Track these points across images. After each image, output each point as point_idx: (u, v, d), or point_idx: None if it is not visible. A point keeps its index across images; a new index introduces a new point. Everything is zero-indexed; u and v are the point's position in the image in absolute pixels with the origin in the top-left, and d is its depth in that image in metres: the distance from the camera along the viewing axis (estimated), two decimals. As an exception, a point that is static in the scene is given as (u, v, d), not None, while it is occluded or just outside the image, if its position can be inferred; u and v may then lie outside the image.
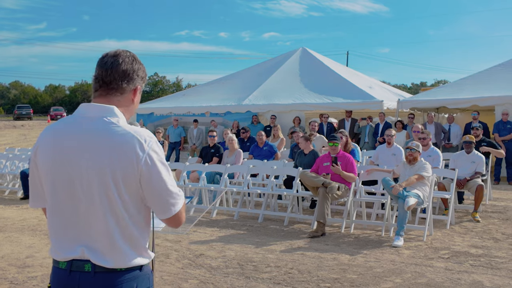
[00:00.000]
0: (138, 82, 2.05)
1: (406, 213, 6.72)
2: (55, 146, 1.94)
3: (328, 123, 14.54)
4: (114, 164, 1.85)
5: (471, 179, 8.20)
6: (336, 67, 18.64)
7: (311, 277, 5.27)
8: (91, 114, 1.94)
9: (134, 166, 1.85)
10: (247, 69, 20.23)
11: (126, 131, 1.89)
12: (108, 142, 1.87)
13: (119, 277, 1.90)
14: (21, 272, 5.50)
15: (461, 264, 5.71)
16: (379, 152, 9.26)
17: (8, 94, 68.71)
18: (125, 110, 2.02)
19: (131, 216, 1.91)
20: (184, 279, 5.26)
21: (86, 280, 1.89)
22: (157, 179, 1.88)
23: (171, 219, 1.97)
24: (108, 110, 1.94)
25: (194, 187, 9.11)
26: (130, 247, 1.91)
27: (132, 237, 1.92)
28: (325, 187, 7.28)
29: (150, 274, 2.02)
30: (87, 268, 1.89)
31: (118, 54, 2.01)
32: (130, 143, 1.86)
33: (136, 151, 1.86)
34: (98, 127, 1.90)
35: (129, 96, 2.03)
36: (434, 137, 12.73)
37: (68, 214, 1.93)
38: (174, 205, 1.94)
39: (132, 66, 2.01)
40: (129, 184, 1.87)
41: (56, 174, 1.92)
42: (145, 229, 1.99)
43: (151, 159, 1.87)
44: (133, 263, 1.92)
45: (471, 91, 13.76)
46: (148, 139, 1.90)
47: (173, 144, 16.24)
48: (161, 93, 60.82)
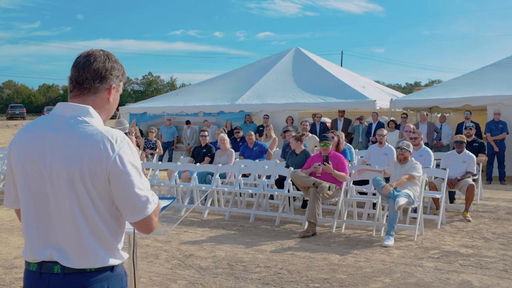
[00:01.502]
0: (112, 81, 2.02)
1: (397, 213, 6.72)
2: (28, 145, 1.93)
3: (321, 122, 14.54)
4: (83, 164, 1.83)
5: (462, 179, 8.21)
6: (330, 67, 18.66)
7: (301, 277, 5.26)
8: (66, 113, 1.93)
9: (103, 166, 1.83)
10: (240, 68, 20.21)
11: (98, 130, 1.87)
12: (78, 141, 1.85)
13: (89, 278, 1.88)
14: (8, 273, 5.46)
15: (451, 264, 5.71)
16: (371, 151, 9.26)
17: (1, 94, 68.41)
18: (102, 110, 2.00)
19: (102, 216, 1.88)
20: (172, 279, 5.23)
21: (56, 282, 1.88)
22: (125, 180, 1.85)
23: (139, 223, 1.92)
24: (82, 109, 1.93)
25: (185, 187, 9.08)
26: (100, 247, 1.89)
27: (103, 237, 1.89)
28: (316, 187, 7.27)
29: (123, 275, 1.99)
30: (56, 269, 1.88)
31: (90, 54, 2.00)
32: (100, 143, 1.84)
33: (106, 151, 1.83)
34: (70, 126, 1.89)
35: (103, 96, 2.00)
36: (426, 137, 12.75)
37: (39, 215, 1.91)
38: (143, 210, 1.89)
39: (105, 65, 1.99)
40: (99, 184, 1.85)
41: (29, 174, 1.91)
42: (118, 229, 1.96)
43: (120, 159, 1.84)
44: (104, 263, 1.90)
45: (463, 91, 13.80)
46: (119, 139, 1.87)
47: (166, 144, 16.19)
48: (155, 93, 60.71)
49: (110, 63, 2.01)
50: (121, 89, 2.11)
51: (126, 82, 25.72)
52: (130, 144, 1.91)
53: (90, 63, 1.97)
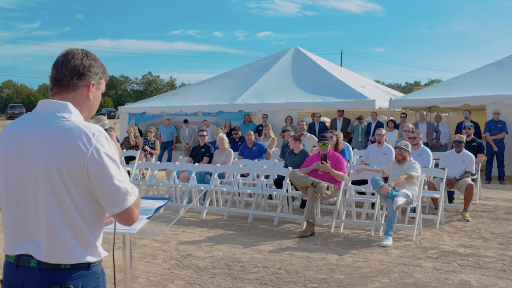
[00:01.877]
0: (91, 77, 2.03)
1: (395, 213, 6.71)
2: (9, 144, 1.95)
3: (320, 122, 14.52)
4: (60, 158, 1.85)
5: (461, 179, 8.20)
6: (329, 66, 18.64)
7: (298, 278, 5.25)
8: (45, 110, 1.96)
9: (80, 160, 1.84)
10: (239, 68, 20.19)
11: (75, 125, 1.89)
12: (55, 136, 1.87)
13: (64, 275, 1.89)
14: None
15: (449, 264, 5.70)
16: (370, 151, 9.25)
17: (1, 94, 68.42)
18: (82, 107, 2.02)
19: (81, 212, 1.89)
20: (170, 280, 5.22)
21: (30, 276, 1.90)
22: (103, 173, 1.86)
23: (120, 215, 1.93)
24: (61, 105, 1.95)
25: (184, 187, 9.07)
26: (78, 243, 1.90)
27: (80, 234, 1.90)
28: (314, 187, 7.26)
29: (100, 274, 1.99)
30: (32, 264, 1.90)
31: (69, 52, 2.03)
32: (77, 137, 1.86)
33: (83, 145, 1.85)
34: (48, 122, 1.91)
35: (83, 93, 2.02)
36: (425, 137, 12.75)
37: (18, 210, 1.93)
38: (122, 201, 1.90)
39: (82, 62, 2.01)
40: (76, 178, 1.86)
41: (9, 170, 1.93)
42: (96, 226, 1.96)
43: (98, 152, 1.85)
44: (80, 260, 1.90)
45: (462, 91, 13.79)
46: (97, 133, 1.89)
47: (165, 143, 16.18)
48: (155, 93, 60.73)
49: (88, 61, 2.03)
50: (102, 87, 2.12)
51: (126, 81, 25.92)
52: (108, 138, 1.91)
53: (68, 61, 1.99)
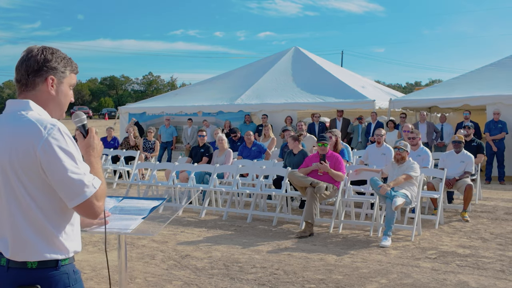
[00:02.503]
0: (49, 72, 2.00)
1: (394, 213, 6.69)
2: None
3: (320, 122, 14.51)
4: (12, 155, 1.85)
5: (460, 179, 8.19)
6: (329, 66, 18.62)
7: (297, 278, 5.23)
8: (8, 110, 1.97)
9: (31, 155, 1.84)
10: (239, 68, 20.18)
11: (29, 120, 1.89)
12: (10, 133, 1.88)
13: (32, 274, 1.88)
14: None
15: (448, 264, 5.69)
16: (369, 151, 9.24)
17: (1, 94, 68.54)
18: (47, 104, 2.00)
19: (41, 206, 1.87)
20: (168, 280, 5.21)
21: (1, 274, 1.90)
22: (56, 166, 1.84)
23: (79, 208, 1.89)
24: (22, 104, 1.95)
25: (183, 187, 9.06)
26: (40, 238, 1.88)
27: (43, 228, 1.88)
28: (313, 187, 7.25)
29: (70, 273, 1.96)
30: (3, 262, 1.90)
31: (26, 51, 2.02)
32: (27, 132, 1.86)
33: (34, 139, 1.84)
34: (7, 121, 1.92)
35: (43, 89, 2.00)
36: (425, 137, 12.73)
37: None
38: (78, 194, 1.86)
39: (37, 59, 1.98)
40: (31, 173, 1.85)
41: None
42: (62, 222, 1.93)
43: (48, 145, 1.83)
44: (45, 257, 1.88)
45: (462, 91, 13.77)
46: (49, 126, 1.86)
47: (165, 143, 16.17)
48: (155, 93, 60.72)
49: (43, 56, 1.99)
50: (69, 80, 2.07)
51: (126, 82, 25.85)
52: (62, 130, 1.88)
53: (24, 60, 1.99)
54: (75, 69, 2.10)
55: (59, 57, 2.03)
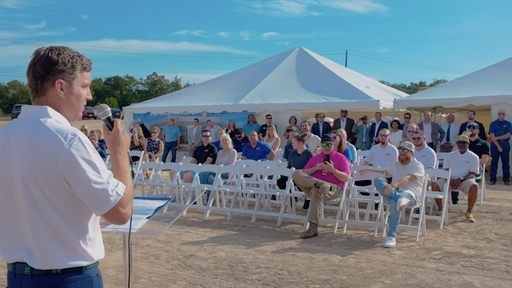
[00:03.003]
0: (56, 76, 1.94)
1: (398, 214, 6.68)
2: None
3: (324, 122, 14.51)
4: (33, 165, 1.83)
5: (465, 179, 8.17)
6: (333, 66, 18.62)
7: (301, 278, 5.24)
8: (26, 116, 1.95)
9: (53, 166, 1.82)
10: (243, 68, 20.19)
11: (49, 130, 1.86)
12: (30, 143, 1.86)
13: (56, 280, 1.88)
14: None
15: (453, 265, 5.67)
16: (373, 152, 9.23)
17: (6, 94, 68.71)
18: (60, 107, 1.97)
19: (64, 215, 1.87)
20: (172, 280, 5.22)
21: (26, 283, 1.90)
22: (79, 177, 1.83)
23: (107, 216, 1.89)
24: (40, 110, 1.93)
25: (187, 187, 9.07)
26: (64, 248, 1.88)
27: (66, 238, 1.88)
28: (317, 187, 7.24)
29: (94, 278, 1.97)
30: (27, 270, 1.89)
31: (33, 54, 1.97)
32: (48, 143, 1.83)
33: (55, 150, 1.82)
34: (26, 129, 1.90)
35: (53, 93, 1.96)
36: (430, 137, 12.70)
37: (7, 216, 1.93)
38: (104, 203, 1.85)
39: (42, 62, 1.93)
40: (54, 184, 1.83)
41: None
42: (86, 229, 1.93)
43: (70, 157, 1.81)
44: (69, 264, 1.89)
45: (467, 91, 13.74)
46: (70, 136, 1.84)
47: (169, 144, 16.19)
48: (160, 93, 60.81)
49: (49, 59, 1.94)
50: (81, 80, 2.00)
51: (131, 82, 25.90)
52: (83, 139, 1.86)
53: (31, 65, 1.96)
54: (87, 67, 2.03)
55: (66, 57, 1.95)
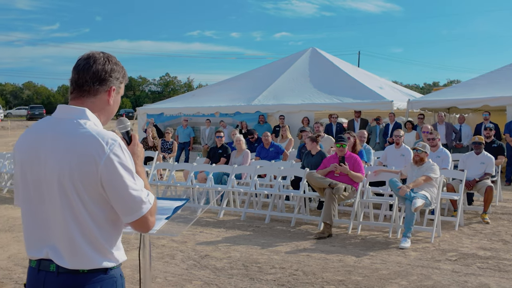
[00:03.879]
0: (112, 83, 2.03)
1: (413, 215, 6.65)
2: (27, 145, 1.98)
3: (338, 123, 14.47)
4: (73, 167, 1.85)
5: (480, 180, 8.10)
6: (346, 67, 18.55)
7: (316, 279, 5.24)
8: (63, 116, 1.97)
9: (93, 170, 1.84)
10: (256, 69, 20.21)
11: (89, 133, 1.88)
12: (70, 143, 1.88)
13: (82, 279, 1.91)
14: (24, 272, 5.51)
15: (469, 267, 5.64)
16: (388, 152, 9.19)
17: (21, 95, 69.38)
18: (102, 112, 2.03)
19: (95, 218, 1.90)
20: (188, 280, 5.25)
21: (50, 280, 1.92)
22: (117, 183, 1.86)
23: (135, 223, 1.93)
24: (79, 112, 1.96)
25: (201, 187, 9.11)
26: (92, 249, 1.91)
27: (95, 241, 1.91)
28: (331, 188, 7.24)
29: (118, 278, 2.00)
30: (52, 268, 1.92)
31: (90, 56, 2.01)
32: (90, 146, 1.86)
33: (96, 154, 1.84)
34: (65, 129, 1.92)
35: (103, 98, 2.02)
36: (444, 138, 12.61)
37: (35, 214, 1.96)
38: (137, 210, 1.90)
39: (104, 67, 2.00)
40: (90, 187, 1.86)
41: (27, 174, 1.96)
42: (113, 233, 1.97)
43: (110, 162, 1.85)
44: (96, 265, 1.92)
45: (482, 91, 13.60)
46: (111, 141, 1.87)
47: (183, 144, 16.26)
48: (172, 93, 61.03)
49: (110, 65, 2.02)
50: (122, 91, 2.12)
51: (144, 83, 26.17)
52: (122, 146, 1.90)
53: (90, 66, 1.98)
54: (127, 80, 2.13)
55: (121, 68, 2.06)
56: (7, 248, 6.54)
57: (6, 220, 8.39)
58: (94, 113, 1.99)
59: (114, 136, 1.91)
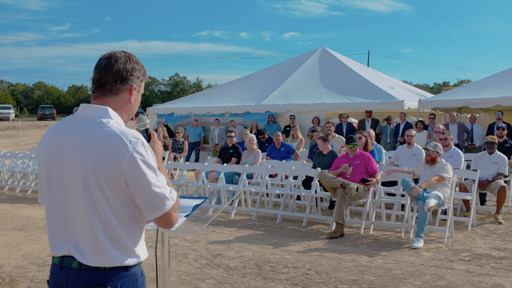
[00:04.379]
0: (133, 81, 2.06)
1: (426, 215, 6.63)
2: (51, 144, 2.00)
3: (348, 123, 14.44)
4: (97, 165, 1.88)
5: (493, 180, 8.06)
6: (356, 67, 18.50)
7: (329, 279, 5.24)
8: (86, 115, 1.99)
9: (117, 168, 1.87)
10: (266, 69, 20.21)
11: (113, 131, 1.91)
12: (94, 143, 1.90)
13: (104, 275, 1.93)
14: (41, 270, 5.58)
15: (482, 267, 5.61)
16: (399, 152, 9.17)
17: (32, 95, 69.84)
18: (123, 111, 2.05)
19: (118, 216, 1.92)
20: (201, 279, 5.27)
21: (73, 276, 1.95)
22: (141, 180, 1.88)
23: (159, 219, 1.96)
24: (101, 111, 1.98)
25: (212, 187, 9.13)
26: (115, 247, 1.93)
27: (118, 238, 1.93)
28: (343, 188, 7.23)
29: (139, 275, 2.02)
30: (74, 264, 1.95)
31: (111, 55, 2.04)
32: (114, 144, 1.88)
33: (120, 152, 1.87)
34: (88, 128, 1.94)
35: (125, 96, 2.04)
36: (456, 138, 12.54)
37: (59, 212, 1.98)
38: (160, 207, 1.92)
39: (126, 66, 2.03)
40: (114, 185, 1.88)
41: (51, 172, 1.99)
42: (135, 231, 1.99)
43: (134, 160, 1.87)
44: (118, 263, 1.94)
45: (494, 91, 13.50)
46: (134, 140, 1.89)
47: (193, 144, 16.29)
48: (182, 94, 61.15)
49: (131, 64, 2.05)
50: (142, 89, 2.15)
51: (153, 83, 26.38)
52: (145, 144, 1.93)
53: (112, 65, 2.01)
54: (147, 79, 2.17)
55: (141, 67, 2.09)
56: (21, 247, 6.59)
57: (19, 219, 8.46)
58: (116, 111, 2.01)
59: (137, 135, 1.93)
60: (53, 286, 2.02)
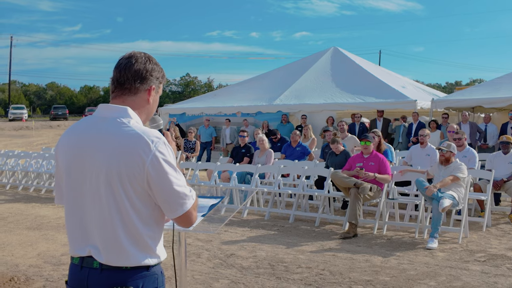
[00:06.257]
0: (152, 82, 2.06)
1: (441, 215, 6.58)
2: (71, 145, 2.00)
3: (361, 123, 14.38)
4: (120, 165, 1.88)
5: (508, 180, 7.99)
6: (368, 66, 18.44)
7: (343, 279, 5.22)
8: (106, 115, 1.99)
9: (140, 167, 1.87)
10: (278, 69, 20.21)
11: (135, 131, 1.91)
12: (116, 142, 1.90)
13: (125, 275, 1.93)
14: (56, 269, 5.62)
15: (498, 268, 5.56)
16: (413, 152, 9.11)
17: (44, 95, 70.38)
18: (142, 111, 2.06)
19: (140, 216, 1.92)
20: (215, 278, 5.27)
21: (94, 276, 1.95)
22: (163, 179, 1.89)
23: (179, 218, 1.97)
24: (121, 110, 1.98)
25: (225, 187, 9.14)
26: (136, 247, 1.93)
27: (139, 239, 1.93)
28: (357, 188, 7.20)
29: (159, 275, 2.03)
30: (95, 264, 1.95)
31: (131, 56, 2.05)
32: (136, 144, 1.88)
33: (143, 152, 1.87)
34: (109, 128, 1.94)
35: (143, 96, 2.05)
36: (469, 137, 12.43)
37: (79, 212, 1.98)
38: (181, 205, 1.93)
39: (145, 66, 2.04)
40: (136, 185, 1.89)
41: (71, 172, 1.99)
42: (156, 231, 1.99)
43: (157, 160, 1.88)
44: (139, 263, 1.94)
45: (508, 90, 13.39)
46: (155, 139, 1.90)
47: (204, 144, 16.33)
48: (192, 94, 61.29)
49: (151, 65, 2.06)
50: (160, 90, 2.16)
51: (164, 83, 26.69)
52: (166, 143, 1.93)
53: (132, 64, 2.02)
54: (165, 81, 2.18)
55: (160, 68, 2.11)
56: (36, 246, 6.64)
57: (34, 218, 8.53)
58: (135, 111, 2.02)
59: (158, 134, 1.94)
60: (72, 287, 2.02)
